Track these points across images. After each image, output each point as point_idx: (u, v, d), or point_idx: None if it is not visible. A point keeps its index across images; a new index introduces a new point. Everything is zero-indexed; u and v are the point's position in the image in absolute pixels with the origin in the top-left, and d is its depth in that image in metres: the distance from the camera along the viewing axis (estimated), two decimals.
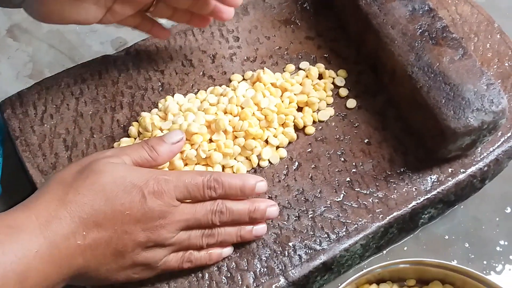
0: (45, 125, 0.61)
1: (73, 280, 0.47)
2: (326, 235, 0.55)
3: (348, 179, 0.59)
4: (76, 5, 0.54)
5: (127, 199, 0.47)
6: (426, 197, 0.58)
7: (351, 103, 0.63)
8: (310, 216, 0.56)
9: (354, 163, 0.59)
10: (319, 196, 0.58)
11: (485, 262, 0.63)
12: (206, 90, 0.63)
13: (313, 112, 0.62)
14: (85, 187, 0.46)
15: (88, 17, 0.56)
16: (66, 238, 0.45)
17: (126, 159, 0.50)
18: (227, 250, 0.54)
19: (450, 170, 0.59)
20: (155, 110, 0.61)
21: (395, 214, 0.57)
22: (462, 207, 0.66)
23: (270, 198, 0.57)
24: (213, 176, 0.50)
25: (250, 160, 0.59)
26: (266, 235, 0.55)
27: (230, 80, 0.65)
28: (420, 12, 0.61)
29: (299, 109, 0.62)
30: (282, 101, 0.61)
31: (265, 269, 0.54)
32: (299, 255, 0.54)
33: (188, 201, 0.50)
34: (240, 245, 0.55)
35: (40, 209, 0.45)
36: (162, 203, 0.48)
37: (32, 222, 0.44)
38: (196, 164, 0.57)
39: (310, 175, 0.59)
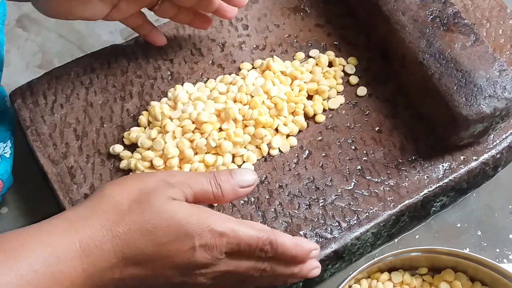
0: (56, 114, 0.61)
1: None
2: (337, 224, 0.55)
3: (359, 167, 0.58)
4: (83, 1, 0.54)
5: (176, 246, 0.44)
6: (438, 185, 0.57)
7: (362, 90, 0.63)
8: (321, 204, 0.56)
9: (365, 151, 0.59)
10: (330, 184, 0.57)
11: (497, 250, 0.63)
12: (215, 79, 0.63)
13: (323, 100, 0.62)
14: (138, 224, 0.43)
15: (95, 13, 0.56)
16: (103, 271, 0.43)
17: (188, 191, 0.46)
18: None
19: (462, 157, 0.59)
20: (164, 99, 0.61)
21: (406, 202, 0.56)
22: (474, 195, 0.65)
23: (280, 186, 0.57)
24: (269, 238, 0.46)
25: (260, 148, 0.59)
26: (277, 224, 0.55)
27: (239, 69, 0.64)
28: None
29: (309, 97, 0.62)
30: (292, 89, 0.61)
31: None
32: None
33: None
34: None
35: (86, 235, 0.43)
36: (210, 256, 0.45)
37: (75, 250, 0.42)
38: (206, 153, 0.57)
39: (321, 163, 0.59)
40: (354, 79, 0.63)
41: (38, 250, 0.41)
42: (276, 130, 0.60)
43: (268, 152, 0.59)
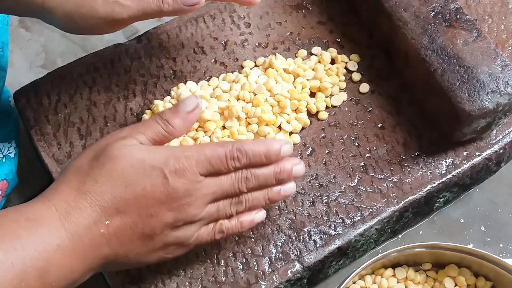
0: (59, 114, 0.62)
1: (103, 268, 0.47)
2: (341, 220, 0.55)
3: (362, 164, 0.58)
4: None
5: (148, 182, 0.45)
6: (441, 180, 0.57)
7: (364, 87, 0.63)
8: (324, 201, 0.56)
9: (368, 148, 0.59)
10: (333, 181, 0.57)
11: (501, 245, 0.63)
12: (218, 77, 0.63)
13: (326, 97, 0.62)
14: (103, 175, 0.45)
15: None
16: (88, 228, 0.44)
17: (141, 138, 0.48)
18: (260, 215, 0.51)
19: (465, 153, 0.59)
20: (168, 98, 0.62)
21: (410, 198, 0.56)
22: (477, 190, 0.65)
23: None
24: (235, 146, 0.48)
25: None
26: (280, 221, 0.55)
27: (242, 67, 0.64)
28: None
29: (312, 94, 0.62)
30: (295, 87, 0.61)
31: (280, 255, 0.54)
32: (314, 240, 0.54)
33: None
34: (255, 230, 0.55)
35: (59, 200, 0.44)
36: (186, 181, 0.46)
37: (52, 214, 0.43)
38: None
39: (324, 160, 0.59)
40: (356, 76, 0.63)
41: (17, 218, 0.42)
42: (279, 127, 0.60)
43: None
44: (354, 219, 0.55)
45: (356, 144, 0.60)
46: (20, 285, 0.40)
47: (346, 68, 0.64)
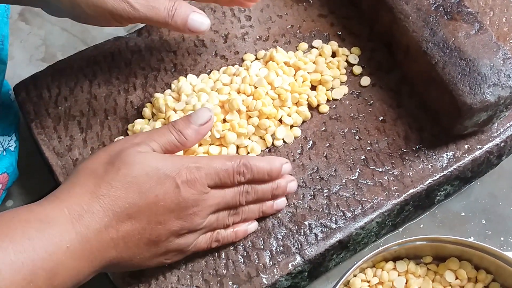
0: (60, 107, 0.61)
1: (105, 269, 0.47)
2: (341, 213, 0.55)
3: (363, 157, 0.58)
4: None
5: (160, 190, 0.46)
6: (442, 174, 0.57)
7: (365, 80, 0.63)
8: (325, 194, 0.56)
9: (369, 141, 0.59)
10: (334, 174, 0.57)
11: (502, 239, 0.63)
12: (219, 70, 0.63)
13: (327, 90, 0.62)
14: (118, 180, 0.45)
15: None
16: (98, 232, 0.44)
17: (155, 146, 0.49)
18: (253, 226, 0.54)
19: (466, 146, 0.59)
20: (168, 91, 0.61)
21: (411, 191, 0.56)
22: (478, 183, 0.65)
23: None
24: (242, 161, 0.50)
25: (264, 139, 0.59)
26: (281, 214, 0.55)
27: (242, 60, 0.64)
28: None
29: (313, 87, 0.62)
30: (296, 80, 0.61)
31: (281, 248, 0.54)
32: (315, 233, 0.54)
33: None
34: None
35: (72, 202, 0.44)
36: (195, 191, 0.48)
37: (64, 216, 0.43)
38: (210, 144, 0.57)
39: (325, 153, 0.59)
40: (357, 69, 0.63)
41: (29, 219, 0.43)
42: (280, 120, 0.60)
43: (272, 143, 0.59)
44: (355, 212, 0.55)
45: (357, 137, 0.59)
46: (29, 286, 0.41)
47: (347, 61, 0.64)
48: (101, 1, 0.51)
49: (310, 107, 0.61)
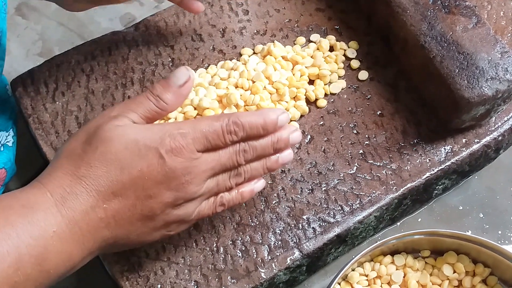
0: (57, 102, 0.61)
1: (103, 250, 0.46)
2: (339, 208, 0.55)
3: (361, 151, 0.58)
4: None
5: (144, 163, 0.44)
6: (440, 168, 0.57)
7: (363, 75, 0.62)
8: (323, 189, 0.56)
9: (367, 135, 0.59)
10: (332, 169, 0.57)
11: (499, 232, 0.63)
12: (216, 65, 0.63)
13: (325, 84, 0.62)
14: (97, 159, 0.44)
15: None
16: (85, 213, 0.43)
17: (133, 116, 0.46)
18: (259, 185, 0.51)
19: (464, 140, 0.59)
20: None
21: (409, 185, 0.56)
22: (476, 177, 0.65)
23: (283, 171, 0.57)
24: (231, 119, 0.46)
25: None
26: (280, 208, 0.55)
27: (240, 54, 0.64)
28: None
29: (311, 82, 0.62)
30: (293, 74, 0.61)
31: (280, 242, 0.54)
32: (313, 228, 0.54)
33: None
34: (254, 218, 0.55)
35: (54, 186, 0.43)
36: (183, 159, 0.44)
37: (47, 200, 0.42)
38: None
39: (323, 148, 0.59)
40: (355, 63, 0.63)
41: (11, 205, 0.42)
42: None
43: None
44: (353, 207, 0.55)
45: (355, 131, 0.59)
46: (16, 274, 0.40)
47: (344, 55, 0.64)
48: None
49: (308, 101, 0.61)
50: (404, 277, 0.57)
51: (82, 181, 0.43)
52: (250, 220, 0.55)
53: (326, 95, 0.62)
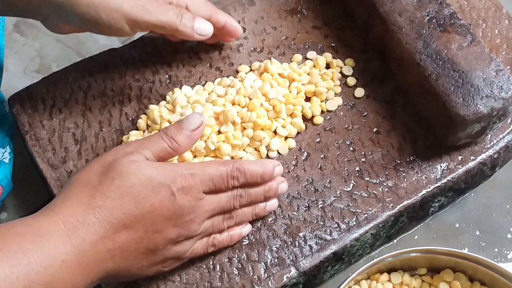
0: (54, 119, 0.61)
1: (102, 281, 0.47)
2: (336, 225, 0.55)
3: (357, 168, 0.58)
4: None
5: (156, 199, 0.46)
6: (436, 185, 0.57)
7: (359, 92, 0.63)
8: (320, 206, 0.56)
9: (363, 153, 0.59)
10: (329, 186, 0.57)
11: (496, 250, 0.63)
12: (213, 82, 0.63)
13: (321, 102, 0.62)
14: (112, 191, 0.45)
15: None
16: (94, 244, 0.44)
17: (148, 154, 0.49)
18: (247, 229, 0.54)
19: (460, 157, 0.59)
20: (163, 103, 0.61)
21: (405, 203, 0.56)
22: (472, 194, 0.65)
23: None
24: (235, 166, 0.50)
25: (259, 151, 0.59)
26: (276, 226, 0.55)
27: (237, 71, 0.64)
28: None
29: (307, 99, 0.62)
30: (290, 91, 0.61)
31: (276, 260, 0.54)
32: (309, 245, 0.54)
33: None
34: (250, 235, 0.55)
35: (67, 214, 0.44)
36: (191, 198, 0.48)
37: (59, 229, 0.43)
38: (205, 156, 0.57)
39: (319, 165, 0.59)
40: (351, 81, 0.63)
41: (24, 232, 0.42)
42: (275, 132, 0.60)
43: (267, 154, 0.59)
44: (350, 224, 0.55)
45: (351, 148, 0.60)
46: None
47: (341, 72, 0.64)
48: (117, 5, 0.54)
49: (304, 118, 0.61)
50: None
51: (96, 211, 0.45)
52: (247, 237, 0.55)
53: (322, 112, 0.62)
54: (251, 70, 0.64)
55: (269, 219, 0.56)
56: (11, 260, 0.40)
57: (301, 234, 0.55)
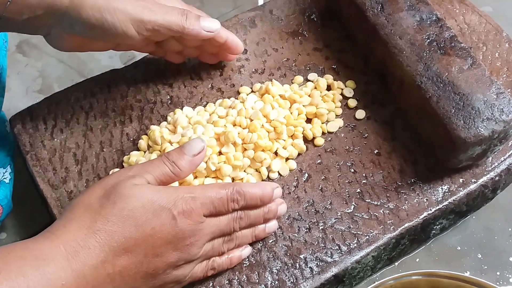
0: (55, 139, 0.62)
1: None
2: (337, 247, 0.55)
3: (358, 190, 0.58)
4: (91, 43, 0.59)
5: (157, 222, 0.46)
6: (438, 207, 0.57)
7: (360, 114, 0.63)
8: (321, 228, 0.56)
9: (364, 174, 0.59)
10: (330, 207, 0.57)
11: (498, 273, 0.62)
12: (214, 103, 0.63)
13: (322, 123, 0.62)
14: (114, 214, 0.45)
15: (103, 49, 0.61)
16: (94, 268, 0.44)
17: (149, 177, 0.49)
18: (246, 251, 0.54)
19: (461, 180, 0.59)
20: (164, 123, 0.62)
21: (406, 225, 0.56)
22: (474, 217, 0.65)
23: None
24: (235, 189, 0.51)
25: (259, 172, 0.59)
26: (277, 247, 0.55)
27: (238, 93, 0.65)
28: (428, 22, 0.61)
29: (308, 120, 0.62)
30: (291, 113, 0.61)
31: (277, 282, 0.53)
32: (310, 267, 0.54)
33: None
34: (251, 257, 0.55)
35: (68, 238, 0.44)
36: (192, 222, 0.48)
37: (60, 252, 0.43)
38: (206, 176, 0.57)
39: (320, 186, 0.59)
40: (352, 102, 0.64)
41: (24, 255, 0.42)
42: (276, 153, 0.60)
43: (268, 175, 0.59)
44: (351, 246, 0.55)
45: (352, 170, 0.60)
46: None
47: (342, 94, 0.64)
48: (121, 6, 0.54)
49: (305, 139, 0.61)
50: None
51: (97, 235, 0.45)
52: (247, 259, 0.55)
53: (323, 133, 0.62)
54: (252, 91, 0.65)
55: (270, 241, 0.55)
56: (11, 283, 0.40)
57: (301, 256, 0.55)
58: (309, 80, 0.66)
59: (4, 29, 0.56)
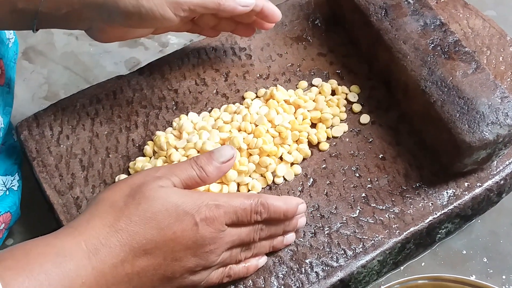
0: (61, 145, 0.62)
1: None
2: (342, 252, 0.55)
3: (363, 194, 0.58)
4: (132, 31, 0.59)
5: (179, 227, 0.46)
6: (443, 211, 0.57)
7: (365, 118, 0.63)
8: (326, 232, 0.56)
9: (369, 179, 0.59)
10: (335, 212, 0.57)
11: (504, 277, 0.62)
12: (219, 108, 0.64)
13: (327, 128, 0.62)
14: (137, 215, 0.45)
15: (143, 34, 0.61)
16: (114, 267, 0.44)
17: (176, 180, 0.49)
18: (263, 260, 0.54)
19: (466, 184, 0.59)
20: (169, 129, 0.62)
21: (412, 229, 0.56)
22: (479, 221, 0.65)
23: None
24: (260, 201, 0.50)
25: (265, 177, 0.59)
26: (282, 252, 0.55)
27: (243, 98, 0.65)
28: (432, 27, 0.61)
29: (313, 125, 0.62)
30: (296, 118, 0.62)
31: (282, 287, 0.53)
32: (316, 272, 0.54)
33: None
34: None
35: (90, 235, 0.44)
36: (213, 229, 0.48)
37: (81, 250, 0.43)
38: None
39: (325, 191, 0.59)
40: (357, 107, 0.64)
41: (46, 252, 0.43)
42: (281, 158, 0.60)
43: (273, 180, 0.59)
44: (356, 251, 0.55)
45: (357, 175, 0.60)
46: None
47: (346, 99, 0.65)
48: None
49: (310, 144, 0.61)
50: None
51: (118, 234, 0.45)
52: None
53: (328, 138, 0.62)
54: (257, 96, 0.65)
55: None
56: (33, 281, 0.41)
57: (307, 261, 0.55)
58: (314, 85, 0.66)
59: (45, 25, 0.56)
